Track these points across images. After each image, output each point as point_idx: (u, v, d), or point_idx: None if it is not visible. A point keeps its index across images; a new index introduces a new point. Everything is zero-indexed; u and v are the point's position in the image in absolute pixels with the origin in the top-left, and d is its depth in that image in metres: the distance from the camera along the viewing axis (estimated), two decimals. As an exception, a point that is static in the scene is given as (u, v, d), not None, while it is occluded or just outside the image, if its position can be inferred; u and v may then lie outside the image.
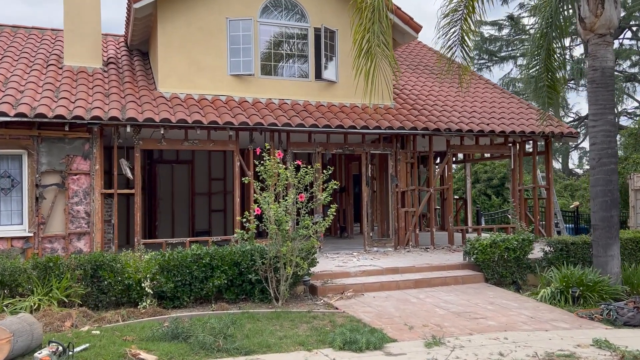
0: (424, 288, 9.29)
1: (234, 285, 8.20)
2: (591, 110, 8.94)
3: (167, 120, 10.04)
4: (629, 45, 30.46)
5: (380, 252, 11.82)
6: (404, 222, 12.26)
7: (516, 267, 9.88)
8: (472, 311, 7.87)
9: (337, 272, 9.44)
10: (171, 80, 11.33)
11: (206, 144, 10.78)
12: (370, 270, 9.63)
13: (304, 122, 11.10)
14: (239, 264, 8.17)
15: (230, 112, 10.90)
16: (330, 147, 11.77)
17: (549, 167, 13.64)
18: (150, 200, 14.83)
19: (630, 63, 31.30)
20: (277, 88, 12.09)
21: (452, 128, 12.20)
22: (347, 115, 11.86)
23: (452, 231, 12.67)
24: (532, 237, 10.09)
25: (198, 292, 7.98)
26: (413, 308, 7.99)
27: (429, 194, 12.58)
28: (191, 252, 7.99)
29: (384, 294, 8.83)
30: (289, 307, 8.02)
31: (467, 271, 10.06)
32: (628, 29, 31.18)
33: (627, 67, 31.29)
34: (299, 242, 8.20)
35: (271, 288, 8.14)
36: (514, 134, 12.78)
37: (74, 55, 11.66)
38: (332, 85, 12.54)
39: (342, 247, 12.79)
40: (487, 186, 27.71)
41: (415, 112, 12.74)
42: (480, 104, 14.27)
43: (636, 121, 31.79)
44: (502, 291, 9.26)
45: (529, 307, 8.21)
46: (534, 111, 14.29)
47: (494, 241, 9.80)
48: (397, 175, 12.26)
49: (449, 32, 11.88)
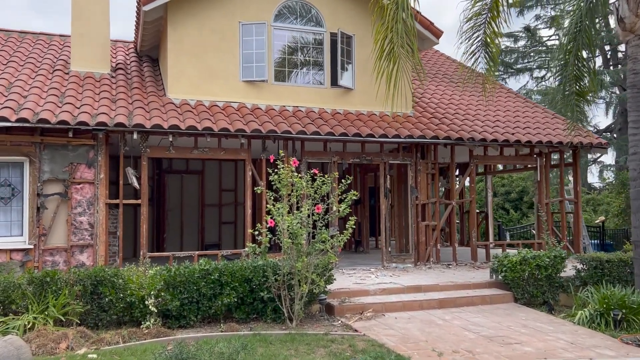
0: (449, 308, 8.59)
1: (245, 303, 7.59)
2: (632, 117, 8.27)
3: (176, 126, 9.54)
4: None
5: (400, 269, 11.15)
6: (424, 236, 11.59)
7: (548, 286, 9.16)
8: (505, 335, 7.17)
9: (355, 289, 8.79)
10: (181, 86, 10.85)
11: (217, 153, 10.24)
12: (390, 289, 8.96)
13: (319, 129, 10.54)
14: (250, 281, 7.57)
15: (242, 119, 10.38)
16: (346, 156, 11.18)
17: (577, 180, 12.92)
18: (158, 211, 14.32)
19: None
20: (291, 95, 11.57)
21: (475, 137, 11.57)
22: (364, 124, 11.29)
23: (475, 247, 11.96)
24: (564, 253, 9.39)
25: (206, 310, 7.38)
26: (440, 331, 7.31)
27: (451, 207, 11.91)
28: (199, 267, 7.40)
29: (407, 315, 8.15)
30: (304, 329, 7.38)
31: (494, 290, 9.35)
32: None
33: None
34: (314, 258, 7.58)
35: (284, 307, 7.51)
36: (541, 144, 12.10)
37: (81, 60, 11.24)
38: (349, 93, 11.99)
39: (358, 263, 12.13)
40: (504, 200, 26.90)
41: (435, 121, 12.14)
42: (503, 113, 13.63)
43: None
44: (534, 312, 8.54)
45: (566, 330, 7.49)
46: (560, 121, 13.61)
47: (524, 258, 9.10)
48: (417, 186, 11.62)
49: (472, 37, 11.32)
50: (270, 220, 7.29)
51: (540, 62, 34.53)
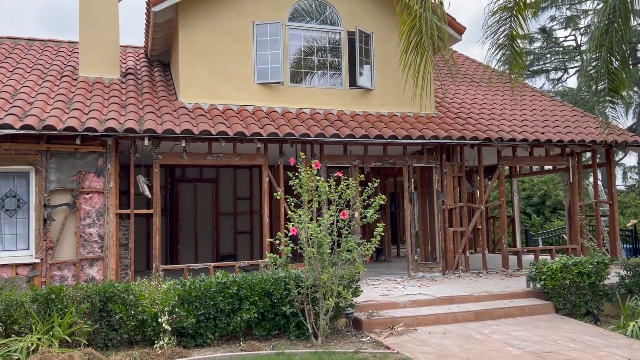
0: (486, 321, 7.92)
1: (266, 319, 7.00)
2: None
3: (189, 131, 9.03)
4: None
5: (427, 278, 10.49)
6: (452, 243, 10.92)
7: (591, 295, 8.45)
8: (554, 351, 6.49)
9: (382, 302, 8.16)
10: (193, 90, 10.36)
11: (232, 158, 9.71)
12: (421, 300, 8.31)
13: (339, 132, 9.97)
14: (271, 294, 6.98)
15: (258, 123, 9.85)
16: (368, 160, 10.59)
17: (611, 181, 12.18)
18: (171, 221, 13.81)
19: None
20: (308, 97, 11.03)
21: (504, 137, 10.92)
22: (385, 125, 10.70)
23: (507, 253, 11.26)
24: (607, 259, 8.68)
25: (224, 327, 6.80)
26: (480, 347, 6.64)
27: (479, 212, 11.23)
28: (216, 280, 6.83)
29: (441, 329, 7.50)
30: (330, 346, 6.77)
31: (533, 300, 8.65)
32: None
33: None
34: (340, 268, 6.98)
35: (309, 322, 6.91)
36: (573, 143, 11.40)
37: (89, 65, 10.82)
38: (368, 93, 11.42)
39: (382, 272, 11.49)
40: (526, 204, 26.06)
41: (460, 121, 11.51)
42: (530, 112, 12.96)
43: None
44: (579, 324, 7.83)
45: (620, 345, 6.78)
46: (590, 119, 12.91)
47: (564, 265, 8.41)
48: (444, 190, 10.98)
49: (498, 32, 10.73)
50: (293, 228, 6.71)
51: (556, 64, 33.79)
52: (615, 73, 10.74)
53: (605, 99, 10.97)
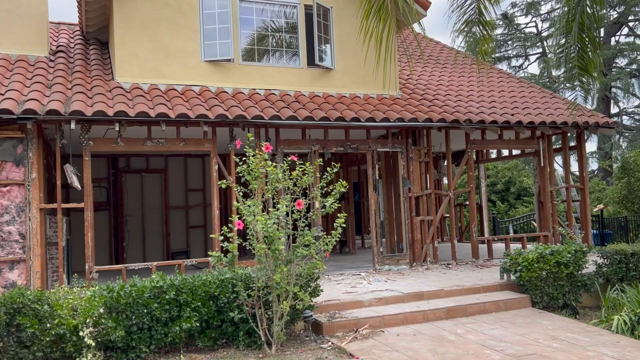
0: (459, 318, 7.19)
1: (211, 327, 6.04)
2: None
3: (124, 113, 7.92)
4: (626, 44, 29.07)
5: (394, 271, 9.72)
6: (419, 233, 10.18)
7: (569, 286, 7.84)
8: (536, 352, 5.79)
9: (346, 300, 7.32)
10: (131, 68, 9.22)
11: (175, 144, 8.64)
12: (388, 298, 7.51)
13: (296, 114, 9.04)
14: (217, 298, 6.03)
15: (205, 104, 8.81)
16: (329, 145, 9.70)
17: (582, 164, 11.70)
18: (116, 216, 12.61)
19: (628, 60, 29.88)
20: (263, 77, 10.04)
21: (473, 119, 10.22)
22: (347, 107, 9.83)
23: (476, 243, 10.61)
24: (585, 247, 8.09)
25: (161, 339, 5.81)
26: (455, 350, 5.88)
27: (448, 199, 10.53)
28: (150, 284, 5.82)
29: (410, 330, 6.71)
30: (286, 355, 5.88)
31: (508, 293, 7.98)
32: (625, 25, 29.80)
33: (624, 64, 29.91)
34: (296, 266, 6.09)
35: (261, 329, 6.00)
36: (544, 125, 10.82)
37: (12, 41, 9.50)
38: (328, 73, 10.51)
39: (346, 266, 10.67)
40: (490, 191, 25.80)
41: (426, 103, 10.75)
42: (498, 94, 12.33)
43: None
44: (559, 319, 7.20)
45: (607, 342, 6.15)
46: (560, 101, 12.40)
47: (541, 255, 7.76)
48: (410, 177, 10.21)
49: (465, 5, 10.01)
50: (238, 222, 5.77)
51: (518, 50, 33.78)
52: (585, 50, 10.20)
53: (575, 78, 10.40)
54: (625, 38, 30.67)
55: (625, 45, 29.19)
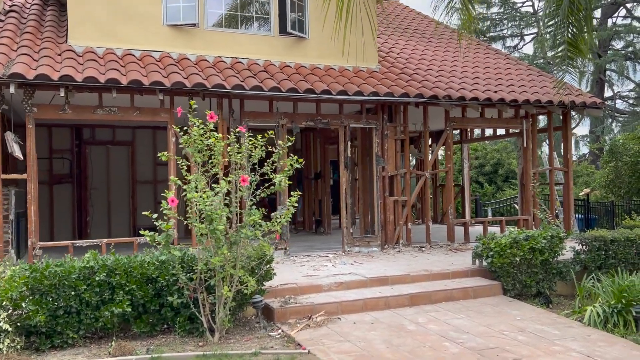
0: (423, 306, 6.74)
1: (148, 312, 5.55)
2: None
3: (70, 78, 7.28)
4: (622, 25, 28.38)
5: (364, 254, 9.26)
6: (392, 214, 9.69)
7: (543, 274, 7.40)
8: (499, 346, 5.35)
9: (304, 285, 6.85)
10: (87, 31, 8.55)
11: (129, 113, 8.03)
12: (349, 282, 7.05)
13: (262, 84, 8.44)
14: (156, 281, 5.53)
15: (163, 71, 8.19)
16: (298, 119, 9.12)
17: (567, 146, 11.20)
18: (79, 190, 12.03)
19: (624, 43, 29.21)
20: (230, 44, 9.39)
21: (452, 95, 9.65)
22: (319, 79, 9.23)
23: (452, 225, 10.15)
24: (562, 233, 7.64)
25: (91, 324, 5.32)
26: (412, 342, 5.43)
27: (424, 179, 10.03)
28: (79, 264, 5.30)
29: (369, 317, 6.26)
30: (229, 344, 5.42)
31: (478, 280, 7.55)
32: (622, 7, 29.05)
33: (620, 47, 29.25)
34: (243, 248, 5.57)
35: (203, 315, 5.52)
36: (528, 103, 10.26)
37: (-44, -2, 8.80)
38: (301, 43, 9.87)
39: (316, 247, 10.20)
40: (478, 173, 25.35)
41: (405, 77, 10.15)
42: (483, 70, 11.74)
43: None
44: (530, 309, 6.76)
45: (576, 335, 5.72)
46: (547, 79, 11.83)
47: (515, 240, 7.30)
48: (384, 155, 9.67)
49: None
50: (172, 198, 5.24)
51: (513, 30, 33.05)
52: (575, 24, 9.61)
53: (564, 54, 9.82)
54: (622, 20, 30.00)
55: (622, 27, 28.52)
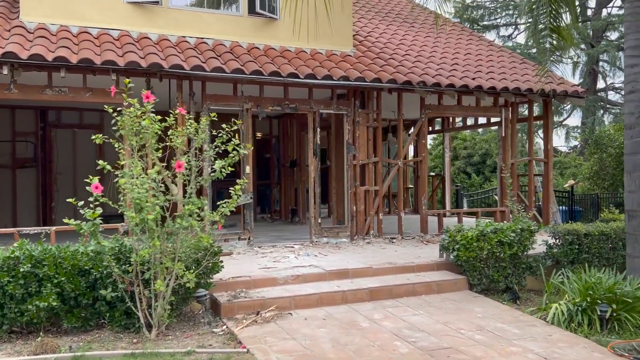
0: (382, 301, 6.42)
1: (80, 305, 5.19)
2: (629, 42, 6.07)
3: (14, 55, 6.86)
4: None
5: (332, 245, 8.92)
6: (363, 204, 9.35)
7: (512, 269, 7.08)
8: (452, 346, 5.03)
9: (258, 277, 6.50)
10: (40, 6, 8.10)
11: (80, 94, 7.61)
12: (307, 275, 6.71)
13: (224, 66, 8.02)
14: (89, 273, 5.17)
15: (119, 50, 7.76)
16: (264, 103, 8.72)
17: (548, 136, 10.84)
18: (44, 174, 11.62)
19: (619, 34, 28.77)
20: (195, 24, 8.95)
21: (427, 82, 9.26)
22: (288, 61, 8.82)
23: (425, 216, 9.81)
24: (533, 226, 7.30)
25: (15, 318, 4.96)
26: (361, 341, 5.11)
27: (397, 169, 9.67)
28: (3, 254, 4.94)
29: (323, 313, 5.93)
30: (166, 341, 5.08)
31: (444, 274, 7.23)
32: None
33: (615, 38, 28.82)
34: (185, 240, 5.21)
35: (140, 310, 5.17)
36: (507, 91, 9.89)
37: None
38: (272, 24, 9.44)
39: (285, 237, 9.86)
40: (466, 163, 25.04)
41: (380, 62, 9.75)
42: (463, 56, 11.34)
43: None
44: (494, 306, 6.45)
45: (537, 335, 5.41)
46: (529, 67, 11.45)
47: (482, 233, 6.96)
48: (356, 143, 9.30)
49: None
50: (95, 184, 4.88)
51: (507, 19, 32.57)
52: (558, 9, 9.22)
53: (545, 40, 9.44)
54: (618, 10, 29.52)
55: (616, 17, 28.07)
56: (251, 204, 8.47)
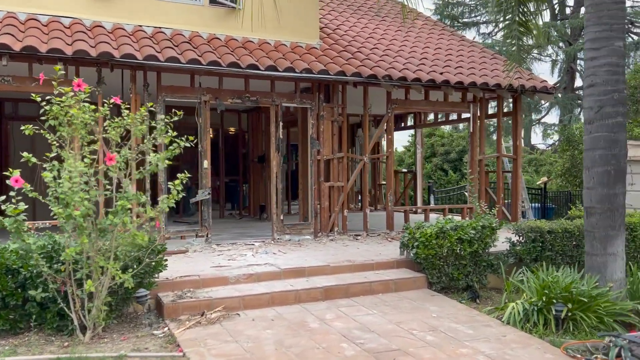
0: (337, 300, 6.20)
1: (8, 307, 4.88)
2: (590, 35, 5.92)
3: (-50, 41, 6.49)
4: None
5: (294, 242, 8.69)
6: (327, 200, 9.12)
7: (473, 266, 6.92)
8: (401, 347, 4.84)
9: (209, 277, 6.24)
10: (-13, -8, 7.71)
11: (26, 84, 7.25)
12: (261, 274, 6.46)
13: (180, 56, 7.72)
14: (18, 272, 4.86)
15: (69, 39, 7.42)
16: (223, 95, 8.43)
17: (517, 132, 10.73)
18: (0, 170, 11.16)
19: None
20: (153, 13, 8.63)
21: (393, 76, 9.05)
22: (250, 53, 8.54)
23: (391, 212, 9.62)
24: (495, 223, 7.15)
25: None
26: (307, 343, 4.88)
27: (362, 164, 9.46)
28: None
29: (273, 313, 5.69)
30: (101, 343, 4.80)
31: (403, 272, 7.04)
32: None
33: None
34: (121, 237, 4.93)
35: (73, 311, 4.88)
36: (474, 86, 9.74)
37: None
38: (234, 14, 9.13)
39: (248, 234, 9.60)
40: (444, 160, 25.01)
41: (346, 55, 9.52)
42: (433, 50, 11.16)
43: None
44: (451, 305, 6.28)
45: (490, 336, 5.24)
46: (499, 62, 11.32)
47: (441, 230, 6.78)
48: (320, 137, 9.07)
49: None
50: (15, 178, 4.59)
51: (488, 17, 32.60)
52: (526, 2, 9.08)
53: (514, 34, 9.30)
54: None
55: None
56: (209, 200, 8.19)
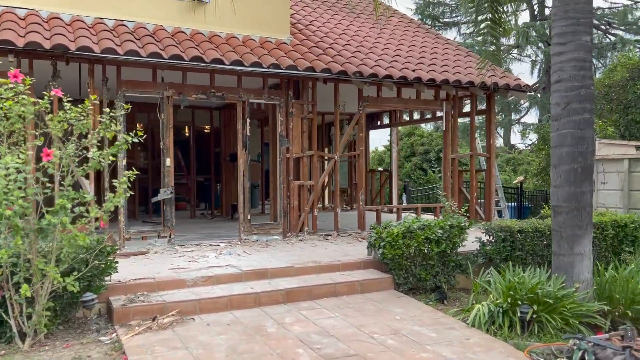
0: (299, 302, 5.98)
1: (-60, 313, 4.58)
2: (557, 29, 5.79)
3: None
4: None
5: (261, 243, 8.44)
6: (297, 199, 8.90)
7: (441, 267, 6.75)
8: (359, 352, 4.63)
9: (164, 279, 5.97)
10: None
11: (-26, 77, 6.90)
12: (220, 276, 6.21)
13: (141, 49, 7.43)
14: (-49, 276, 4.54)
15: (22, 30, 7.08)
16: (187, 90, 8.15)
17: (490, 130, 10.62)
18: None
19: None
20: (116, 5, 8.30)
21: (364, 72, 8.86)
22: (215, 47, 8.27)
23: (363, 212, 9.43)
24: (463, 222, 6.98)
25: None
26: (261, 349, 4.65)
27: (333, 163, 9.25)
28: None
29: (229, 318, 5.45)
30: (41, 352, 4.51)
31: (370, 272, 6.85)
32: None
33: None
34: (64, 239, 4.64)
35: (12, 317, 4.58)
36: (447, 84, 9.60)
37: None
38: (201, 7, 8.86)
39: (216, 234, 9.34)
40: (423, 160, 24.96)
41: (317, 51, 9.30)
42: (407, 48, 11.00)
43: None
44: (416, 307, 6.10)
45: (453, 339, 5.06)
46: (474, 59, 11.20)
47: (408, 229, 6.60)
48: (289, 135, 8.84)
49: None
50: None
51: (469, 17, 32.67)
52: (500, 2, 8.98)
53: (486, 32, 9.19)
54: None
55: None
56: (172, 199, 7.91)
